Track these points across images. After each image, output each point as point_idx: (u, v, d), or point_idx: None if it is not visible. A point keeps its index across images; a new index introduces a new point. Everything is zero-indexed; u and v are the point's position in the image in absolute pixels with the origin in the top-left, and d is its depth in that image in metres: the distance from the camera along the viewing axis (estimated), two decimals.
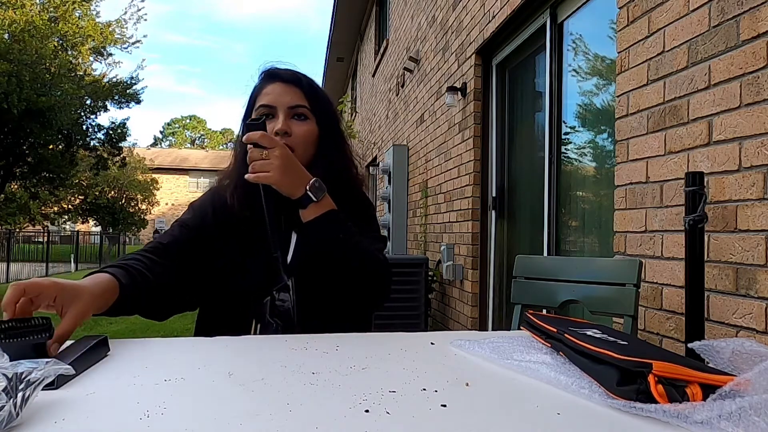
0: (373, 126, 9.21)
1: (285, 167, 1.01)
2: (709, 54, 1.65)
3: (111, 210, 23.02)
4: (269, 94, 1.13)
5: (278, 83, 1.14)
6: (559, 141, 2.99)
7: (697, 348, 0.68)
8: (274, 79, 1.15)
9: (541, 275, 1.57)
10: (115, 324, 6.42)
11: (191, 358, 0.78)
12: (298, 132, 1.12)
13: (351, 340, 0.92)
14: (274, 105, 1.12)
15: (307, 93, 1.14)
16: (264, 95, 1.14)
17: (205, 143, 56.12)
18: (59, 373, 0.57)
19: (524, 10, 3.19)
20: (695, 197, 1.21)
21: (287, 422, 0.52)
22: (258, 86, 1.17)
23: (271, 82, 1.15)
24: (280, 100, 1.12)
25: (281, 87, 1.13)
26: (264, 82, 1.17)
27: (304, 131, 1.13)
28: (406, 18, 6.50)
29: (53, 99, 11.29)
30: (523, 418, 0.56)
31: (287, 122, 1.11)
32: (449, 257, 4.37)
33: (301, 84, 1.15)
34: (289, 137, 1.10)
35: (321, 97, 1.18)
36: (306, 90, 1.14)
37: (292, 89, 1.13)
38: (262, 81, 1.17)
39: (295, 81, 1.15)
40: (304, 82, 1.16)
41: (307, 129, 1.13)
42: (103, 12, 59.30)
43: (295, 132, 1.11)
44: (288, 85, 1.14)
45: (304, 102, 1.13)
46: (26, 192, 14.81)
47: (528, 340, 0.88)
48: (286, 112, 1.12)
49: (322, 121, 1.16)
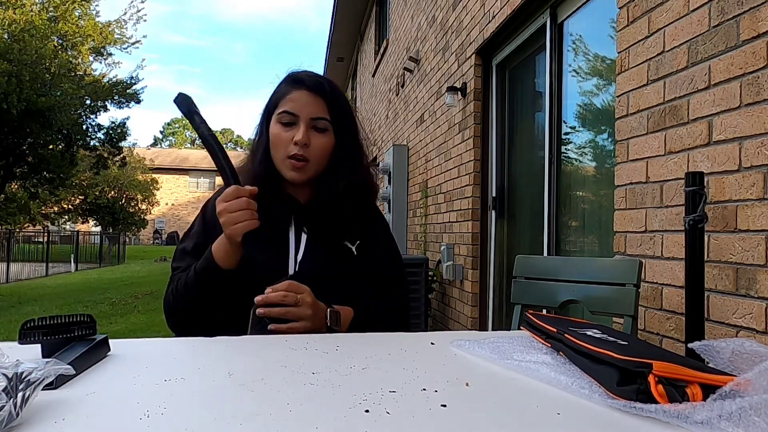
0: (373, 126, 9.21)
1: (314, 311, 1.04)
2: (709, 54, 1.64)
3: (111, 210, 23.02)
4: (294, 101, 1.14)
5: (304, 91, 1.15)
6: (559, 141, 2.99)
7: (697, 348, 0.68)
8: (299, 86, 1.16)
9: (541, 275, 1.57)
10: (115, 324, 6.42)
11: (191, 358, 0.78)
12: (316, 144, 1.14)
13: (351, 340, 0.92)
14: (298, 114, 1.14)
15: (330, 104, 1.16)
16: (288, 101, 1.15)
17: None
18: (59, 373, 0.57)
19: (524, 10, 3.19)
20: (695, 197, 1.21)
21: (287, 422, 0.52)
22: (282, 89, 1.18)
23: (297, 89, 1.16)
24: (303, 110, 1.14)
25: (306, 96, 1.15)
26: (289, 86, 1.17)
27: (322, 144, 1.15)
28: (406, 18, 6.50)
29: (53, 99, 11.28)
30: (523, 418, 0.56)
31: (308, 133, 1.13)
32: (449, 257, 4.37)
33: (325, 94, 1.16)
34: (308, 148, 1.13)
35: (342, 108, 1.19)
36: (329, 100, 1.16)
37: (316, 99, 1.15)
38: (288, 85, 1.18)
39: (320, 90, 1.16)
40: (328, 91, 1.16)
41: (325, 142, 1.15)
42: (103, 12, 59.30)
43: (313, 144, 1.14)
44: (312, 95, 1.15)
45: (326, 114, 1.15)
46: (26, 192, 14.79)
47: (528, 340, 0.88)
48: (308, 122, 1.13)
49: (341, 133, 1.17)
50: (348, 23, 10.76)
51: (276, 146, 1.15)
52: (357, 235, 1.21)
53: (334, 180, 1.17)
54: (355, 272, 1.18)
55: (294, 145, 1.12)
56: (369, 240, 1.23)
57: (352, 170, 1.19)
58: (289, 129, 1.13)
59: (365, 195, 1.25)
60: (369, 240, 1.23)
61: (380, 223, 1.30)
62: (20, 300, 8.94)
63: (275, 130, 1.15)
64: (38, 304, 8.34)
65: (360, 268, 1.18)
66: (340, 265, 1.17)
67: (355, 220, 1.21)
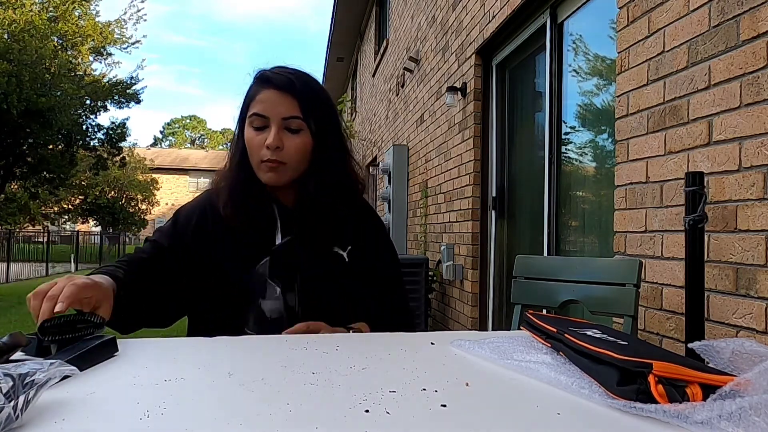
0: (373, 126, 9.21)
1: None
2: (709, 54, 1.64)
3: (111, 210, 23.00)
4: (263, 102, 1.08)
5: (272, 90, 1.09)
6: (559, 141, 2.99)
7: (697, 348, 0.68)
8: (267, 85, 1.09)
9: (541, 275, 1.57)
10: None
11: (191, 358, 0.78)
12: (290, 145, 1.08)
13: (351, 340, 0.92)
14: (267, 115, 1.08)
15: (302, 101, 1.09)
16: (258, 102, 1.09)
17: (205, 143, 56.11)
18: (64, 374, 0.57)
19: (524, 10, 3.19)
20: (695, 197, 1.21)
21: (287, 422, 0.52)
22: (252, 90, 1.12)
23: (265, 88, 1.09)
24: (273, 111, 1.08)
25: (275, 95, 1.08)
26: (258, 86, 1.11)
27: (296, 144, 1.09)
28: (406, 18, 6.50)
29: (53, 99, 11.28)
30: (523, 418, 0.56)
31: (279, 135, 1.07)
32: (449, 257, 4.37)
33: (295, 91, 1.08)
34: (281, 151, 1.07)
35: (317, 103, 1.12)
36: (300, 98, 1.09)
37: (285, 98, 1.08)
38: (257, 85, 1.12)
39: (289, 88, 1.08)
40: (299, 88, 1.09)
41: (299, 142, 1.09)
42: (103, 12, 59.19)
43: (287, 146, 1.08)
44: (282, 93, 1.08)
45: (298, 112, 1.08)
46: (26, 192, 14.79)
47: (528, 340, 0.88)
48: (279, 123, 1.08)
49: (317, 131, 1.11)
50: (348, 23, 10.76)
51: (250, 151, 1.10)
52: (350, 239, 1.17)
53: (315, 181, 1.11)
54: (347, 277, 1.14)
55: (266, 149, 1.06)
56: (366, 242, 1.20)
57: (333, 169, 1.13)
58: (261, 132, 1.08)
59: (351, 192, 1.19)
60: (366, 242, 1.20)
61: (376, 224, 1.26)
62: (20, 300, 8.92)
63: (248, 135, 1.10)
64: None
65: (353, 272, 1.15)
66: (330, 269, 1.13)
67: (349, 223, 1.17)
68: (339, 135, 1.17)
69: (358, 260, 1.17)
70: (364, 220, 1.23)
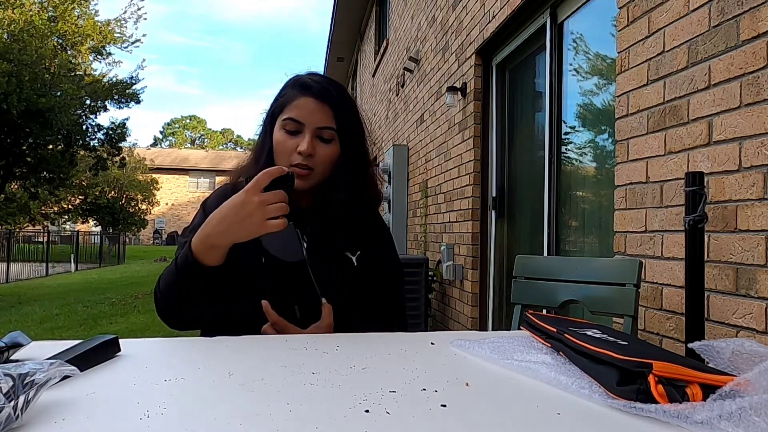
0: (373, 126, 9.21)
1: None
2: (709, 54, 1.64)
3: (111, 210, 22.99)
4: (300, 109, 1.11)
5: (310, 98, 1.11)
6: (559, 141, 2.99)
7: (697, 348, 0.68)
8: (306, 92, 1.12)
9: (541, 275, 1.57)
10: (115, 324, 6.42)
11: (191, 358, 0.78)
12: (321, 153, 1.11)
13: (351, 340, 0.92)
14: (303, 122, 1.10)
15: (337, 113, 1.12)
16: (294, 108, 1.11)
17: (205, 143, 56.13)
18: (64, 374, 0.57)
19: (524, 10, 3.19)
20: (695, 197, 1.21)
21: (287, 422, 0.52)
22: (289, 94, 1.14)
23: (303, 95, 1.12)
24: (309, 118, 1.10)
25: (313, 103, 1.11)
26: (295, 91, 1.13)
27: (327, 153, 1.12)
28: (406, 18, 6.50)
29: (53, 99, 11.26)
30: (523, 418, 0.56)
31: (312, 142, 1.10)
32: (449, 257, 4.37)
33: (332, 101, 1.12)
34: (312, 158, 1.10)
35: (350, 116, 1.16)
36: (336, 109, 1.12)
37: (323, 108, 1.11)
38: (294, 90, 1.14)
39: (328, 98, 1.12)
40: (336, 98, 1.13)
41: (330, 152, 1.12)
42: (102, 12, 59.18)
43: (318, 153, 1.11)
44: (320, 103, 1.11)
45: (332, 123, 1.11)
46: (26, 192, 14.77)
47: (528, 340, 0.88)
48: (313, 131, 1.10)
49: (346, 141, 1.15)
50: (348, 23, 10.76)
51: (279, 153, 1.12)
52: (359, 244, 1.20)
53: (337, 189, 1.15)
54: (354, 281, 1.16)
55: (298, 154, 1.09)
56: (373, 248, 1.22)
57: (356, 179, 1.18)
58: (294, 137, 1.10)
59: (369, 204, 1.24)
60: (373, 248, 1.22)
61: (382, 230, 1.29)
62: (20, 300, 8.93)
63: (279, 137, 1.12)
64: (38, 304, 8.34)
65: (360, 277, 1.17)
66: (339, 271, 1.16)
67: (360, 230, 1.20)
68: (364, 147, 1.22)
69: (365, 265, 1.19)
70: (373, 227, 1.26)
